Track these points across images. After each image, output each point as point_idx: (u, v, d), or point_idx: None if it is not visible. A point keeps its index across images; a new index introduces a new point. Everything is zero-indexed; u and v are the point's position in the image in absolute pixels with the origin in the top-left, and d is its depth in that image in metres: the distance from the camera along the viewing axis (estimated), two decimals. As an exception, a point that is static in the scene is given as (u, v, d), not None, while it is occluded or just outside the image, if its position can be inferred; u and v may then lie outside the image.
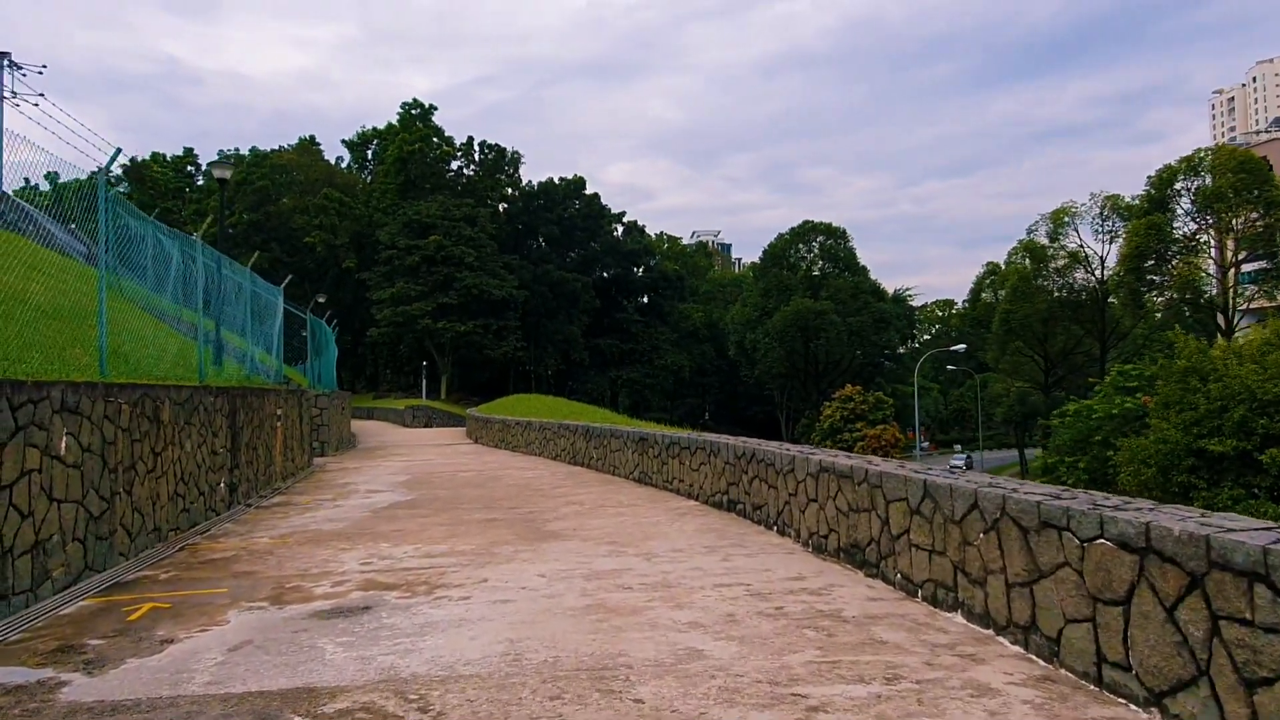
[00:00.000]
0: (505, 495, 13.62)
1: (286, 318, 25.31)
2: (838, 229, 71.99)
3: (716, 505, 11.31)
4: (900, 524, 6.58)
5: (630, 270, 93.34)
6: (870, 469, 7.12)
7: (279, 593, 7.10)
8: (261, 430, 14.83)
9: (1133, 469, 26.32)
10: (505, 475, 16.95)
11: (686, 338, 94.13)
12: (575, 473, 17.14)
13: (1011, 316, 68.96)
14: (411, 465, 20.29)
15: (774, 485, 9.37)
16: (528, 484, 15.25)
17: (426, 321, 70.52)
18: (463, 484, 15.59)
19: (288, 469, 17.18)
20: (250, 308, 16.67)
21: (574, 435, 18.93)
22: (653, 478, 14.05)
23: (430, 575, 7.64)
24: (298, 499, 13.94)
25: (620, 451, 15.80)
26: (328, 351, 29.52)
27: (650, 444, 14.13)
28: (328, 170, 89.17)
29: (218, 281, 15.09)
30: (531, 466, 19.02)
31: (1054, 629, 4.78)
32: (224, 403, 12.31)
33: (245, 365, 16.66)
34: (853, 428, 55.35)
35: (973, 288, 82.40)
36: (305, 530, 10.50)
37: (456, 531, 10.09)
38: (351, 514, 11.91)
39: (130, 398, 8.79)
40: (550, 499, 12.99)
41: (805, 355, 71.68)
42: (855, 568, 7.35)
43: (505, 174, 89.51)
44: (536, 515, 11.27)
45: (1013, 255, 77.48)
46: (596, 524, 10.37)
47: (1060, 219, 69.09)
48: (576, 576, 7.44)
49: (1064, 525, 4.69)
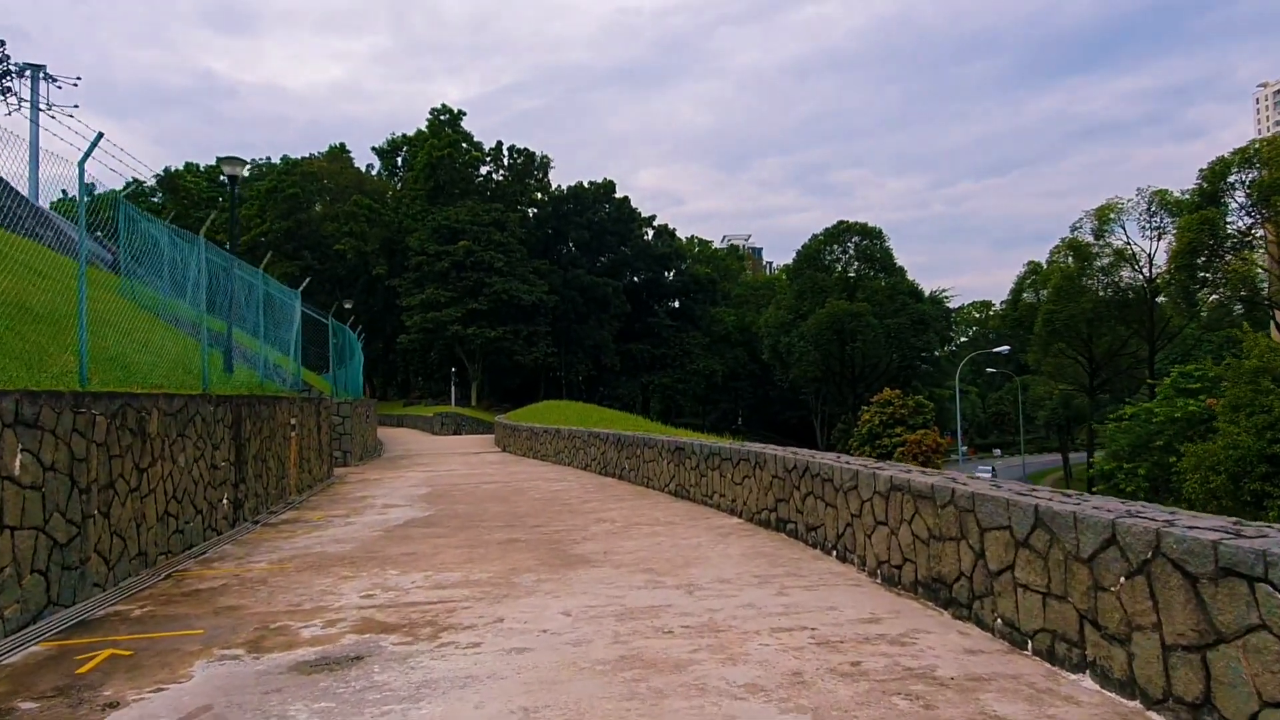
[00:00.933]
0: (530, 511, 12.56)
1: (308, 324, 24.56)
2: (873, 229, 70.27)
3: (764, 524, 10.15)
4: (1001, 558, 5.39)
5: (661, 274, 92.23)
6: (958, 489, 5.94)
7: (260, 636, 6.08)
8: (273, 441, 13.93)
9: (1199, 476, 24.66)
10: (531, 488, 15.91)
11: (718, 342, 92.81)
12: (606, 485, 16.06)
13: (1055, 317, 66.74)
14: (434, 476, 19.34)
15: (832, 504, 8.19)
16: (555, 497, 14.19)
17: (456, 328, 69.96)
18: (485, 498, 14.57)
19: (303, 481, 16.29)
20: (263, 310, 15.82)
21: (605, 444, 17.86)
22: (690, 491, 12.92)
23: (438, 613, 6.58)
24: (309, 515, 13.00)
25: (654, 462, 14.68)
26: (353, 358, 28.77)
27: (687, 454, 13.00)
28: (357, 177, 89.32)
29: (225, 282, 14.24)
30: (560, 477, 17.97)
31: (1243, 712, 3.58)
32: (227, 412, 11.40)
33: (259, 371, 15.82)
34: (892, 433, 53.67)
35: (1013, 288, 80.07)
36: (309, 553, 9.50)
37: (474, 555, 9.03)
38: (362, 533, 10.91)
39: (108, 408, 7.85)
40: (578, 515, 11.91)
41: (841, 358, 70.01)
42: (939, 607, 6.16)
43: (534, 179, 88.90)
44: (563, 535, 10.18)
45: (1055, 254, 75.18)
46: (630, 546, 9.26)
47: (1106, 215, 66.80)
48: (607, 615, 6.33)
49: (1260, 575, 3.50)
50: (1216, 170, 55.83)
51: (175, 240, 13.58)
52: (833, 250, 72.38)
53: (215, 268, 13.56)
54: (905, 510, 6.69)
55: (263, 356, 15.84)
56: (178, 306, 14.34)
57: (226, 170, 15.76)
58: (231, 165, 15.72)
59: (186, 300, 14.23)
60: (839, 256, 72.58)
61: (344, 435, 23.01)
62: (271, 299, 16.74)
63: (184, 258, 14.77)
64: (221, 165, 15.68)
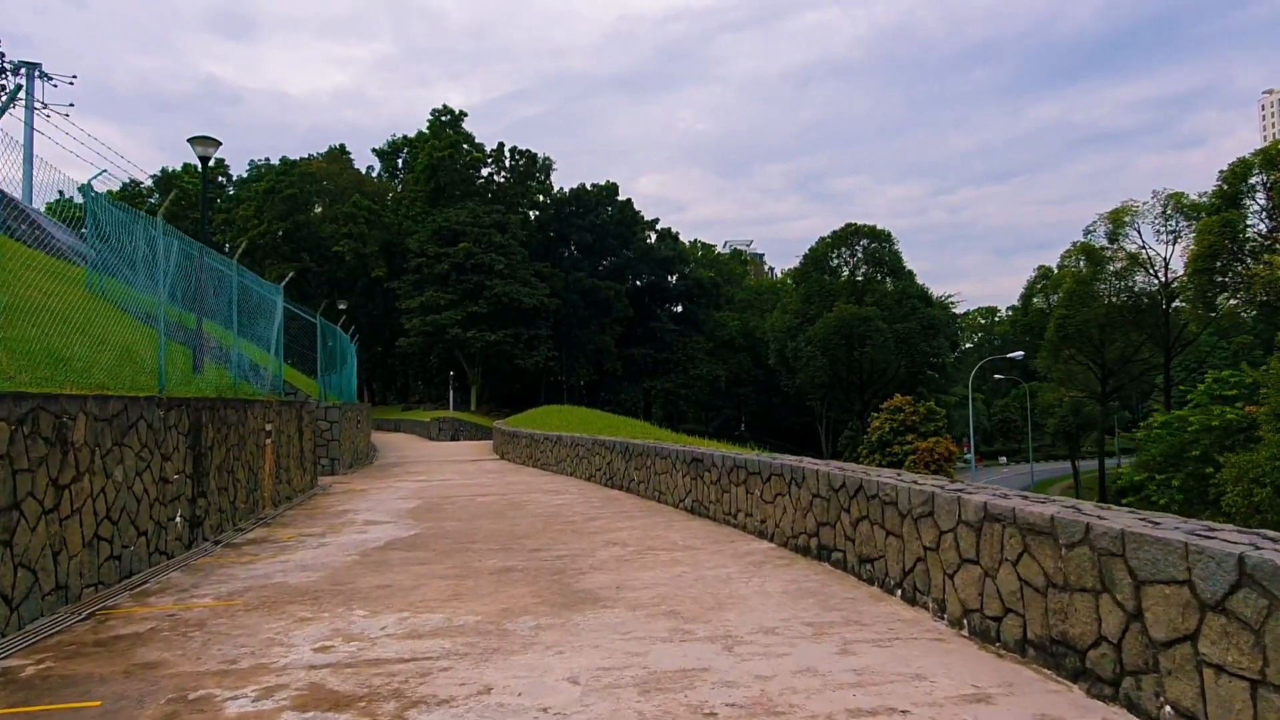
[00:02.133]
0: (529, 530, 11.10)
1: (303, 326, 23.13)
2: (882, 231, 68.71)
3: (801, 551, 8.68)
4: (1173, 623, 3.93)
5: (664, 278, 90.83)
6: (1096, 524, 4.48)
7: (170, 713, 4.62)
8: (243, 449, 12.48)
9: (1242, 489, 23.15)
10: (530, 501, 14.44)
11: (722, 347, 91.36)
12: (613, 498, 14.59)
13: (1068, 322, 65.21)
14: (426, 487, 17.88)
15: (896, 533, 6.73)
16: (556, 513, 12.72)
17: (456, 331, 68.56)
18: (479, 513, 13.10)
19: (281, 493, 14.84)
20: (238, 305, 14.38)
21: (611, 453, 16.40)
22: (710, 509, 11.45)
23: (408, 676, 5.13)
24: (280, 533, 11.54)
25: (667, 474, 13.22)
26: (345, 362, 27.33)
27: (707, 467, 11.53)
28: (357, 178, 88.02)
29: (191, 270, 12.81)
30: (561, 489, 16.51)
31: None
32: (183, 417, 9.95)
33: (235, 371, 14.39)
34: (903, 440, 52.10)
35: (1023, 293, 78.55)
36: (266, 584, 8.04)
37: (460, 589, 7.57)
38: (335, 558, 9.45)
39: (10, 412, 6.40)
40: (584, 536, 10.45)
41: (848, 364, 68.47)
42: (1065, 679, 4.69)
43: (536, 180, 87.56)
44: (566, 563, 8.72)
45: (1066, 258, 73.72)
46: (646, 579, 7.80)
47: (1120, 219, 65.31)
48: (626, 684, 4.87)
49: None
50: (1237, 172, 54.41)
51: (141, 227, 12.18)
52: (840, 253, 70.91)
53: (177, 253, 12.13)
54: (1009, 547, 5.22)
55: (237, 354, 14.39)
56: (146, 300, 12.92)
57: (198, 150, 14.35)
58: (203, 145, 14.31)
59: (154, 291, 12.84)
60: (846, 260, 71.08)
61: (331, 442, 21.55)
62: (248, 292, 15.31)
63: (149, 245, 13.37)
64: (193, 145, 14.26)
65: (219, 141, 14.44)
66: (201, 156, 14.31)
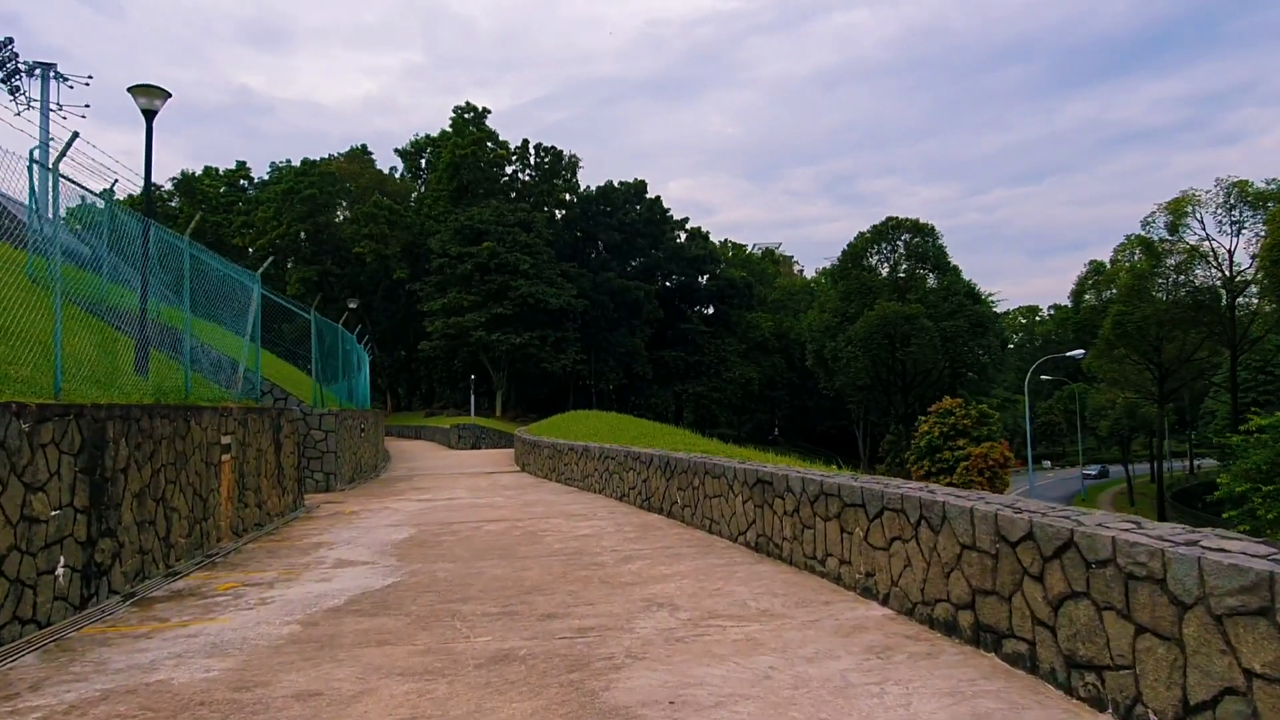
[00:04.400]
0: (541, 579, 8.32)
1: (300, 323, 20.61)
2: (925, 225, 65.14)
3: (942, 627, 5.81)
4: None
5: (695, 278, 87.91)
6: None
7: None
8: (184, 469, 9.85)
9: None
10: (549, 531, 11.66)
11: (755, 349, 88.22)
12: (650, 526, 11.78)
13: (1126, 319, 61.30)
14: (427, 509, 15.19)
15: (1164, 633, 3.85)
16: (580, 550, 9.93)
17: (480, 333, 66.16)
18: (483, 548, 10.35)
19: (247, 520, 12.21)
20: (189, 283, 11.80)
21: (647, 468, 13.59)
22: (782, 548, 8.61)
23: None
24: (219, 580, 8.87)
25: (721, 498, 10.39)
26: (347, 361, 24.79)
27: (778, 492, 8.68)
28: (378, 178, 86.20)
29: (118, 236, 10.25)
30: (588, 512, 13.73)
31: None
32: (69, 432, 7.31)
33: (184, 367, 11.81)
34: (954, 445, 48.64)
35: (1074, 289, 74.74)
36: (136, 688, 5.33)
37: (423, 705, 4.80)
38: (265, 630, 6.73)
39: None
40: (617, 590, 7.65)
41: (889, 365, 65.06)
42: None
43: (563, 179, 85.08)
44: (592, 644, 5.92)
45: (1120, 252, 69.84)
46: (715, 684, 4.97)
47: (1180, 209, 61.34)
48: None
49: None
50: (1314, 155, 50.48)
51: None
52: (880, 249, 67.52)
53: (96, 217, 9.56)
54: None
55: (190, 349, 11.80)
56: (89, 284, 10.40)
57: (141, 103, 11.79)
58: (147, 96, 11.75)
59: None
60: (887, 255, 67.67)
61: (326, 454, 18.97)
62: (205, 269, 12.70)
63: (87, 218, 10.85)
64: (135, 96, 11.70)
65: (167, 92, 11.86)
66: (145, 110, 11.74)
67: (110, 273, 11.52)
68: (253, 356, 14.83)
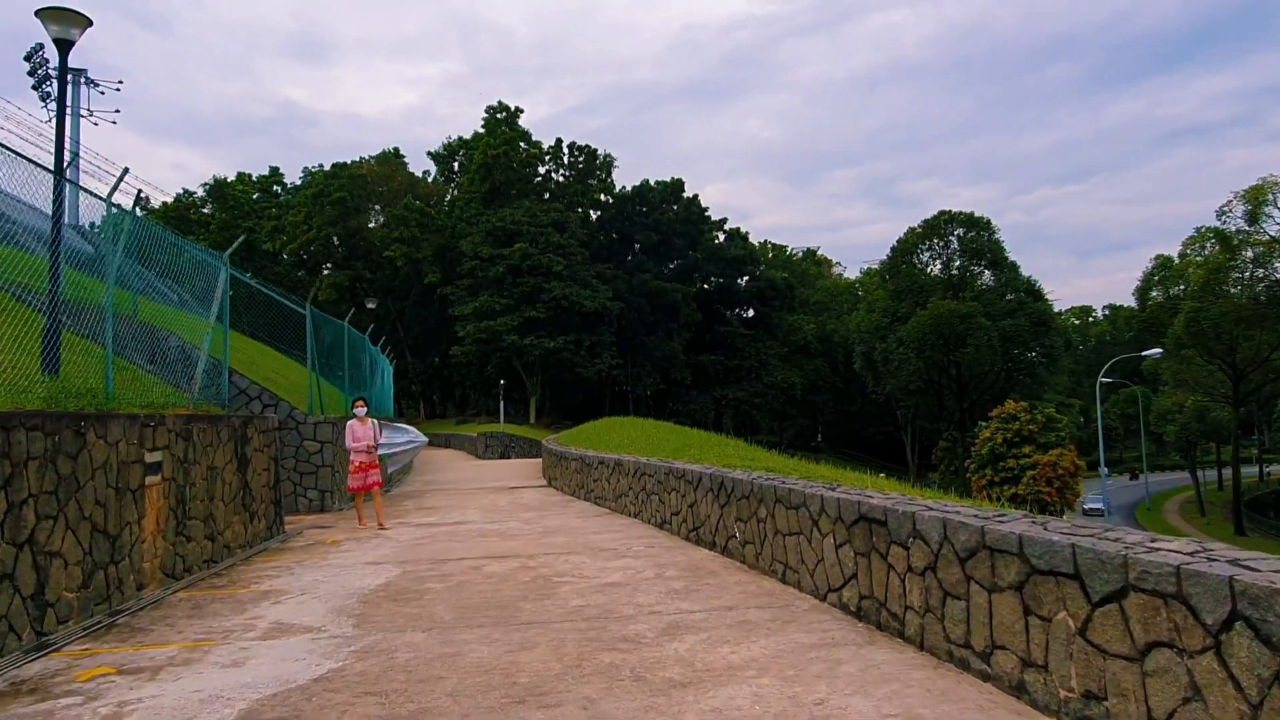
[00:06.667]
0: (546, 667, 5.57)
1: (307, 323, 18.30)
2: (981, 219, 61.31)
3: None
4: None
5: (734, 279, 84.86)
6: None
7: None
8: (74, 500, 7.30)
9: None
10: (567, 577, 8.90)
11: (796, 352, 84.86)
12: (701, 570, 8.97)
13: (1202, 316, 57.06)
14: (428, 536, 12.55)
15: None
16: (605, 614, 7.14)
17: (513, 338, 63.86)
18: (473, 606, 7.62)
19: (189, 559, 9.65)
20: (134, 258, 9.31)
21: (694, 490, 10.80)
22: (904, 621, 5.76)
23: None
24: (92, 660, 6.26)
25: (801, 535, 7.56)
26: (357, 363, 22.34)
27: (895, 537, 5.83)
28: (410, 181, 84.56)
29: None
30: (620, 546, 10.96)
31: None
32: None
33: (108, 361, 9.34)
34: (1019, 453, 45.13)
35: (1139, 286, 70.31)
36: None
37: None
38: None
39: None
40: (657, 699, 4.87)
41: (942, 367, 61.38)
42: None
43: (597, 179, 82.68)
44: None
45: (1189, 245, 65.54)
46: None
47: (1260, 198, 57.00)
48: None
49: None
50: None
51: None
52: (931, 244, 63.87)
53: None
54: None
55: (110, 336, 9.29)
56: None
57: (53, 31, 9.33)
58: (59, 23, 9.28)
59: None
60: (939, 251, 64.01)
61: (321, 468, 16.47)
62: (152, 245, 10.21)
63: None
64: (45, 22, 9.25)
65: (87, 19, 9.39)
66: (58, 39, 9.27)
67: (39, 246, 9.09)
68: (218, 348, 12.33)
